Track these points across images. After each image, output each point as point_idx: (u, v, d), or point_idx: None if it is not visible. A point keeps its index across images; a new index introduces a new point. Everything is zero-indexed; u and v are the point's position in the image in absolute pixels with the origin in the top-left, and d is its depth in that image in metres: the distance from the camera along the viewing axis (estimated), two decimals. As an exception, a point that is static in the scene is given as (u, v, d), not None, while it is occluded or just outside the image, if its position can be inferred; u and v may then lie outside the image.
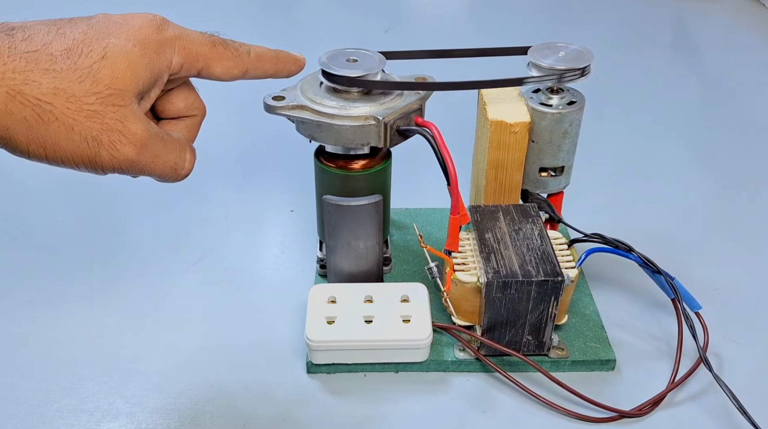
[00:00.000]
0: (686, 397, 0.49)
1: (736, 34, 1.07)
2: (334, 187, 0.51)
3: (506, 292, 0.47)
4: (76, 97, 0.31)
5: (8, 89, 0.30)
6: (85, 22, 0.34)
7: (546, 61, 0.50)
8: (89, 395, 0.48)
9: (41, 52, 0.31)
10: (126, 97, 0.32)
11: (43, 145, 0.31)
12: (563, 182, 0.55)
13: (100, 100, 0.32)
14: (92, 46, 0.32)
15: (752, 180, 0.73)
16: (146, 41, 0.34)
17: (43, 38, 0.32)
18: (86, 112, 0.31)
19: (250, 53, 0.39)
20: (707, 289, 0.56)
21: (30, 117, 0.30)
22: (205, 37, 0.37)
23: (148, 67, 0.34)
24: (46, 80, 0.31)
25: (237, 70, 0.39)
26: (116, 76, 0.32)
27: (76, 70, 0.31)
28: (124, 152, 0.33)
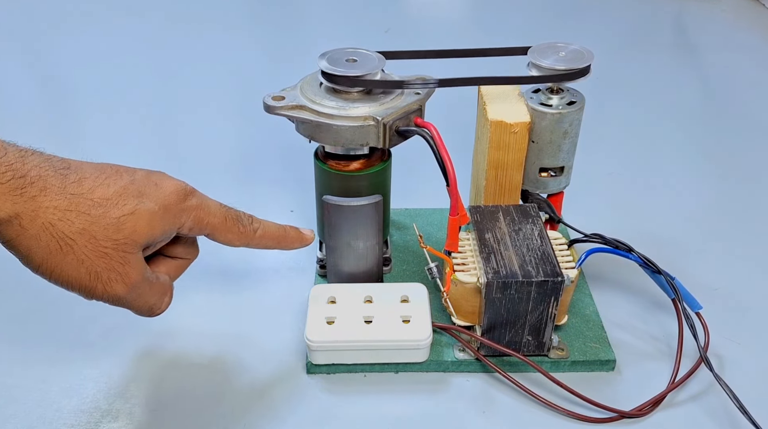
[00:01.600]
0: (687, 398, 0.49)
1: (736, 34, 1.07)
2: (333, 187, 0.51)
3: (506, 293, 0.47)
4: (97, 239, 0.37)
5: (45, 221, 0.35)
6: (130, 176, 0.40)
7: (546, 61, 0.50)
8: (89, 395, 0.48)
9: (85, 196, 0.37)
10: (135, 247, 0.38)
11: (52, 270, 0.37)
12: (563, 182, 0.55)
13: (114, 245, 0.37)
14: (127, 201, 0.38)
15: (752, 179, 0.73)
16: (170, 207, 0.40)
17: (90, 184, 0.38)
18: (99, 252, 0.37)
19: (257, 232, 0.45)
20: (708, 289, 0.56)
21: (53, 246, 0.36)
22: (221, 210, 0.44)
23: (164, 228, 0.40)
24: (79, 221, 0.36)
25: (239, 243, 0.45)
26: (136, 230, 0.38)
27: (105, 218, 0.37)
28: (116, 289, 0.38)
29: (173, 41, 1.04)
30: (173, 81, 0.93)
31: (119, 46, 1.02)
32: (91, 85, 0.91)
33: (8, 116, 0.84)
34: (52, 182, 0.36)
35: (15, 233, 0.35)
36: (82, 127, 0.82)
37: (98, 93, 0.89)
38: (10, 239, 0.36)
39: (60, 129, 0.82)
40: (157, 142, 0.79)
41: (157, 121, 0.83)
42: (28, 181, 0.35)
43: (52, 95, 0.89)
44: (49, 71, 0.96)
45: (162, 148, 0.78)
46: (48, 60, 0.99)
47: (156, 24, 1.09)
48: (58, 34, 1.06)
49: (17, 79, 0.93)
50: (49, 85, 0.92)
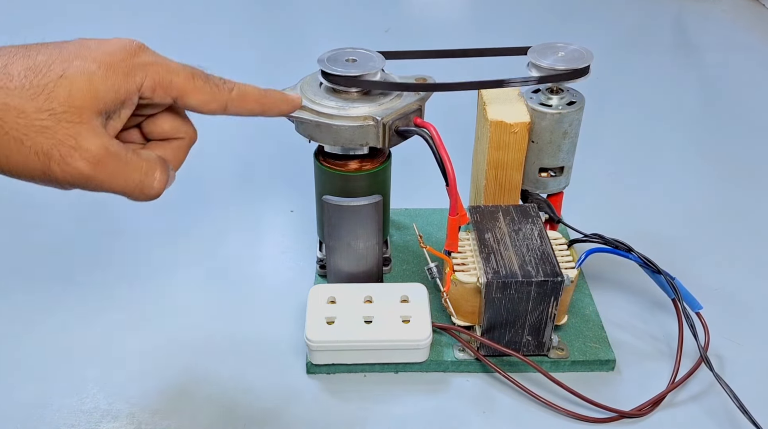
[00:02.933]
0: (687, 398, 0.49)
1: (736, 34, 1.07)
2: (333, 187, 0.51)
3: (506, 293, 0.47)
4: (26, 113, 0.32)
5: None
6: (58, 45, 0.35)
7: (545, 62, 0.50)
8: (89, 396, 0.48)
9: (3, 70, 0.32)
10: (83, 115, 0.33)
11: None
12: (563, 182, 0.55)
13: (52, 116, 0.32)
14: (53, 67, 0.33)
15: (752, 179, 0.73)
16: (114, 64, 0.35)
17: (6, 59, 0.33)
18: (37, 127, 0.32)
19: (233, 91, 0.39)
20: (708, 289, 0.56)
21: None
22: (185, 68, 0.38)
23: (113, 88, 0.34)
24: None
25: (215, 105, 0.39)
26: (72, 94, 0.33)
27: (30, 88, 0.32)
28: (76, 167, 0.33)
29: (173, 41, 1.04)
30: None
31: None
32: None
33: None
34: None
35: None
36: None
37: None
38: None
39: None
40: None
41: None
42: None
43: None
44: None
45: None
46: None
47: (156, 24, 1.09)
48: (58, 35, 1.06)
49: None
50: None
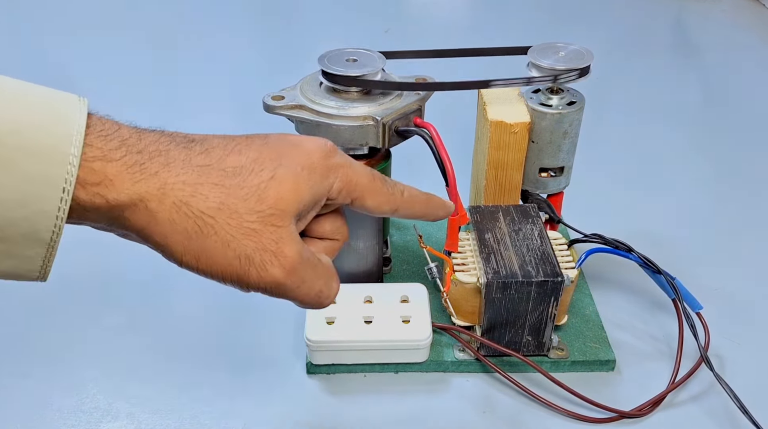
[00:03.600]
0: (687, 398, 0.49)
1: (736, 34, 1.07)
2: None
3: (506, 293, 0.47)
4: (239, 213, 0.31)
5: (175, 200, 0.30)
6: (262, 140, 0.34)
7: (546, 62, 0.50)
8: (89, 396, 0.48)
9: (214, 167, 0.32)
10: (285, 218, 0.32)
11: (197, 257, 0.32)
12: (563, 183, 0.55)
13: (260, 218, 0.32)
14: (264, 166, 0.32)
15: (753, 179, 0.73)
16: (314, 166, 0.34)
17: (219, 153, 0.32)
18: (245, 229, 0.31)
19: (404, 193, 0.39)
20: (708, 290, 0.56)
21: (191, 229, 0.31)
22: (366, 169, 0.37)
23: (311, 191, 0.33)
24: (214, 194, 0.31)
25: (388, 207, 0.38)
26: (281, 196, 0.32)
27: (243, 187, 0.31)
28: (272, 273, 0.32)
29: (173, 41, 1.04)
30: (173, 81, 0.93)
31: (119, 47, 1.02)
32: (90, 86, 0.91)
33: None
34: (175, 155, 0.31)
35: (145, 220, 0.30)
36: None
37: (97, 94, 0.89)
38: (141, 228, 0.30)
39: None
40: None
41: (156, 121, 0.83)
42: (146, 157, 0.30)
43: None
44: (49, 71, 0.96)
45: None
46: (48, 61, 0.99)
47: (156, 24, 1.09)
48: (58, 36, 1.06)
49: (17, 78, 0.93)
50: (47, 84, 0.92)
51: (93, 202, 0.29)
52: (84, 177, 0.29)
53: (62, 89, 0.32)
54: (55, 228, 0.29)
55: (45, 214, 0.28)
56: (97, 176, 0.29)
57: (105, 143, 0.30)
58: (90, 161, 0.29)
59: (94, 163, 0.29)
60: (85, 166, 0.29)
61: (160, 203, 0.30)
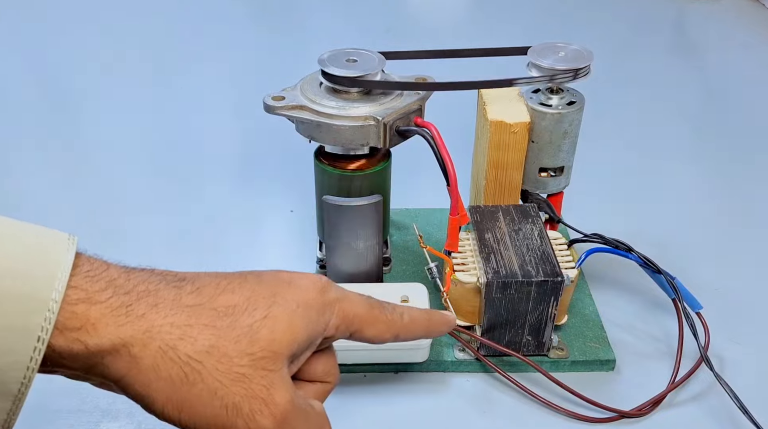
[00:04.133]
0: (687, 398, 0.49)
1: (736, 34, 1.07)
2: (333, 187, 0.51)
3: (506, 293, 0.47)
4: (229, 356, 0.29)
5: (162, 344, 0.28)
6: (256, 278, 0.33)
7: (546, 61, 0.50)
8: (89, 396, 0.48)
9: (205, 306, 0.30)
10: (278, 362, 0.30)
11: (180, 408, 0.29)
12: (563, 182, 0.55)
13: (251, 362, 0.29)
14: (257, 304, 0.31)
15: (753, 179, 0.73)
16: (310, 303, 0.32)
17: (210, 291, 0.31)
18: (234, 374, 0.29)
19: (403, 317, 0.37)
20: (708, 289, 0.56)
21: (176, 376, 0.28)
22: (362, 298, 0.35)
23: (307, 329, 0.31)
24: (203, 336, 0.29)
25: (389, 334, 0.36)
26: (274, 337, 0.30)
27: (235, 328, 0.30)
28: (262, 424, 0.29)
29: (173, 41, 1.04)
30: (173, 81, 0.93)
31: (118, 46, 1.02)
32: (90, 86, 0.91)
33: (8, 117, 0.84)
34: (164, 295, 0.29)
35: (125, 367, 0.28)
36: (81, 127, 0.82)
37: (98, 93, 0.89)
38: (120, 377, 0.28)
39: (59, 130, 0.82)
40: (157, 143, 0.79)
41: (156, 121, 0.83)
42: (134, 297, 0.28)
43: (52, 95, 0.89)
44: (49, 71, 0.96)
45: (162, 148, 0.78)
46: (48, 60, 0.99)
47: (156, 24, 1.09)
48: (58, 34, 1.06)
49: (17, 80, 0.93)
50: (48, 85, 0.92)
51: (70, 349, 0.27)
52: (64, 321, 0.27)
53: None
54: (25, 379, 0.27)
55: (14, 365, 0.26)
56: (78, 320, 0.27)
57: (91, 285, 0.28)
58: (72, 304, 0.27)
59: (77, 305, 0.27)
60: (67, 309, 0.27)
61: (144, 348, 0.28)
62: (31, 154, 0.77)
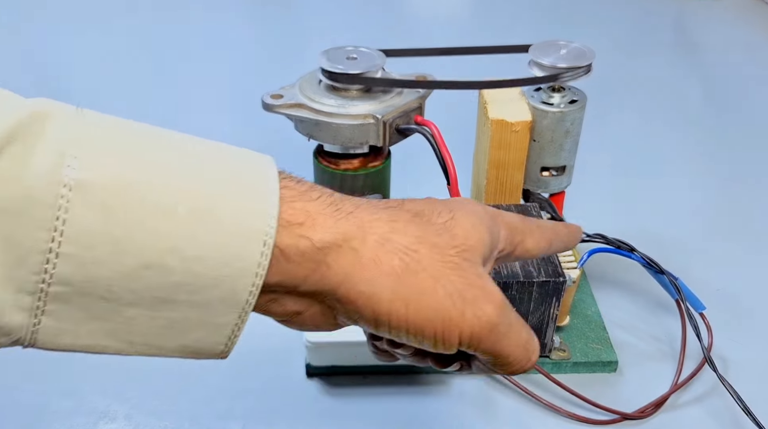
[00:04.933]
0: (690, 399, 0.48)
1: (738, 33, 1.07)
2: (333, 186, 0.50)
3: (507, 293, 0.46)
4: (439, 247, 0.29)
5: (377, 237, 0.28)
6: (423, 199, 0.33)
7: (547, 60, 0.49)
8: (86, 397, 0.48)
9: (399, 208, 0.30)
10: (476, 255, 0.30)
11: (407, 301, 0.28)
12: (565, 182, 0.54)
13: (458, 253, 0.29)
14: (440, 210, 0.31)
15: (756, 178, 0.72)
16: (481, 213, 0.32)
17: (396, 202, 0.31)
18: (450, 263, 0.29)
19: (553, 227, 0.37)
20: (711, 290, 0.56)
21: (398, 267, 0.28)
22: (513, 213, 0.36)
23: (489, 231, 0.32)
24: (411, 229, 0.29)
25: (544, 242, 0.36)
26: (468, 234, 0.30)
27: (433, 225, 0.30)
28: (486, 311, 0.29)
29: (172, 39, 1.04)
30: (171, 79, 0.93)
31: (115, 44, 1.02)
32: (87, 84, 0.91)
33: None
34: (358, 200, 0.30)
35: (349, 263, 0.27)
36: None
37: (95, 92, 0.89)
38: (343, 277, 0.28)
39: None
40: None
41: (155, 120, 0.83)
42: (338, 199, 0.29)
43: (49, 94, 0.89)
44: (47, 70, 0.95)
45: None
46: (45, 58, 0.99)
47: (154, 21, 1.09)
48: (56, 32, 1.06)
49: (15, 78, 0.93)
50: (45, 84, 0.92)
51: (297, 247, 0.27)
52: (287, 218, 0.27)
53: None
54: (253, 287, 0.26)
55: (244, 271, 0.26)
56: (300, 216, 0.27)
57: (299, 186, 0.28)
58: (290, 201, 0.27)
59: (294, 202, 0.27)
60: (287, 206, 0.27)
61: (363, 242, 0.28)
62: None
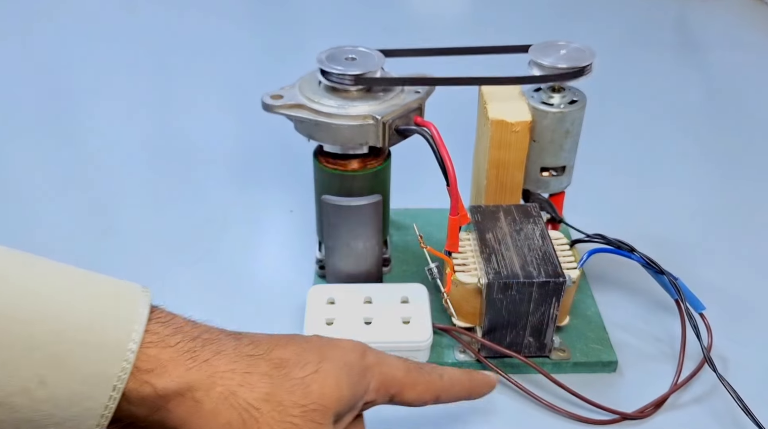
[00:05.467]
0: (689, 399, 0.48)
1: (739, 33, 1.06)
2: (333, 187, 0.51)
3: (507, 294, 0.46)
4: (283, 405, 0.30)
5: (223, 389, 0.29)
6: (303, 339, 0.34)
7: (547, 60, 0.49)
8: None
9: (263, 357, 0.31)
10: (326, 416, 0.31)
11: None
12: (565, 182, 0.54)
13: (303, 413, 0.30)
14: (308, 360, 0.32)
15: (756, 179, 0.72)
16: (353, 365, 0.34)
17: (266, 345, 0.32)
18: (288, 424, 0.30)
19: (443, 378, 0.38)
20: (711, 290, 0.56)
21: (234, 422, 0.29)
22: (400, 361, 0.36)
23: (351, 389, 0.33)
24: (261, 384, 0.30)
25: (429, 395, 0.37)
26: (324, 392, 0.31)
27: (289, 379, 0.31)
28: None
29: (172, 40, 1.04)
30: (172, 80, 0.93)
31: (116, 45, 1.02)
32: (89, 85, 0.91)
33: (7, 117, 0.84)
34: (226, 343, 0.31)
35: (188, 412, 0.29)
36: (81, 127, 0.82)
37: (97, 92, 0.89)
38: (181, 423, 0.29)
39: (59, 130, 0.82)
40: (156, 142, 0.79)
41: (155, 120, 0.83)
42: (200, 344, 0.30)
43: (51, 96, 0.89)
44: (48, 71, 0.95)
45: (161, 147, 0.77)
46: (46, 60, 0.99)
47: (154, 22, 1.09)
48: (57, 34, 1.06)
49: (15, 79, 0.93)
50: (47, 85, 0.92)
51: (139, 392, 0.28)
52: (138, 364, 0.28)
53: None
54: (98, 427, 0.27)
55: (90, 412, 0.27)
56: (150, 363, 0.28)
57: (163, 329, 0.29)
58: (146, 347, 0.28)
59: (149, 348, 0.28)
60: (142, 351, 0.28)
61: (207, 393, 0.29)
62: (31, 154, 0.76)
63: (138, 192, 0.70)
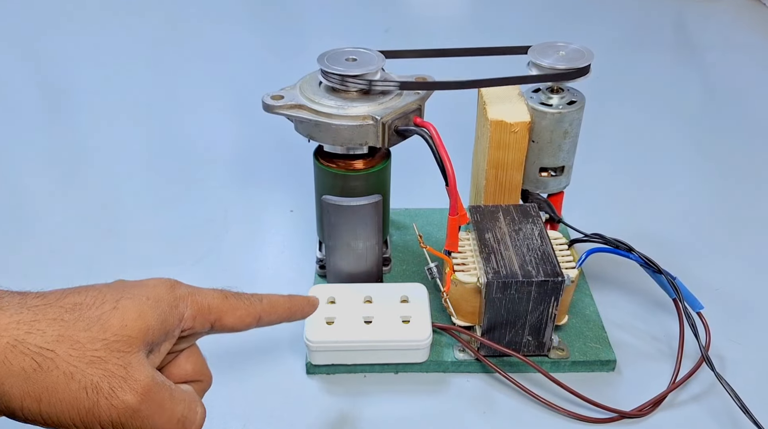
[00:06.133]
0: (688, 398, 0.48)
1: (736, 34, 1.07)
2: (333, 187, 0.51)
3: (506, 293, 0.46)
4: (81, 343, 0.30)
5: (10, 339, 0.29)
6: (104, 285, 0.34)
7: (546, 61, 0.49)
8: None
9: (52, 305, 0.31)
10: (133, 345, 0.31)
11: (39, 398, 0.29)
12: (563, 182, 0.54)
13: (105, 345, 0.30)
14: (105, 299, 0.32)
15: (753, 179, 0.73)
16: (160, 296, 0.34)
17: (56, 294, 0.31)
18: (89, 357, 0.30)
19: (262, 301, 0.38)
20: (709, 289, 0.56)
21: (28, 367, 0.29)
22: (216, 291, 0.37)
23: (159, 319, 0.33)
24: (52, 329, 0.30)
25: (250, 318, 0.37)
26: (125, 324, 0.31)
27: (84, 319, 0.30)
28: (124, 399, 0.30)
29: (172, 40, 1.04)
30: (172, 80, 0.93)
31: (118, 46, 1.02)
32: (90, 85, 0.91)
33: (6, 117, 0.84)
34: (9, 300, 0.30)
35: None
36: (81, 127, 0.82)
37: (97, 93, 0.89)
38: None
39: (59, 130, 0.82)
40: (156, 142, 0.79)
41: (156, 120, 0.83)
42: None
43: (52, 96, 0.89)
44: (49, 71, 0.96)
45: (161, 147, 0.78)
46: (48, 60, 0.99)
47: (155, 23, 1.09)
48: (58, 34, 1.06)
49: (16, 80, 0.93)
50: (48, 85, 0.92)
51: None
52: None
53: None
54: None
55: None
56: None
57: None
58: None
59: None
60: None
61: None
62: (31, 154, 0.77)
63: (138, 192, 0.70)
